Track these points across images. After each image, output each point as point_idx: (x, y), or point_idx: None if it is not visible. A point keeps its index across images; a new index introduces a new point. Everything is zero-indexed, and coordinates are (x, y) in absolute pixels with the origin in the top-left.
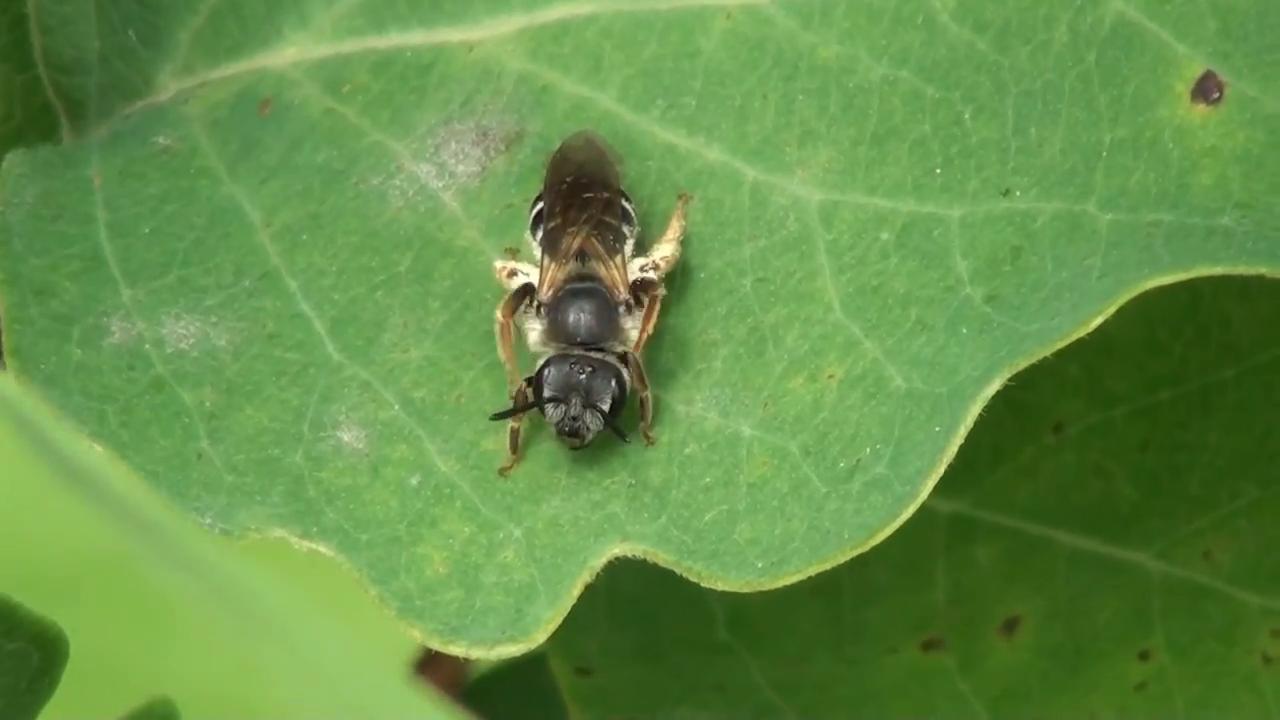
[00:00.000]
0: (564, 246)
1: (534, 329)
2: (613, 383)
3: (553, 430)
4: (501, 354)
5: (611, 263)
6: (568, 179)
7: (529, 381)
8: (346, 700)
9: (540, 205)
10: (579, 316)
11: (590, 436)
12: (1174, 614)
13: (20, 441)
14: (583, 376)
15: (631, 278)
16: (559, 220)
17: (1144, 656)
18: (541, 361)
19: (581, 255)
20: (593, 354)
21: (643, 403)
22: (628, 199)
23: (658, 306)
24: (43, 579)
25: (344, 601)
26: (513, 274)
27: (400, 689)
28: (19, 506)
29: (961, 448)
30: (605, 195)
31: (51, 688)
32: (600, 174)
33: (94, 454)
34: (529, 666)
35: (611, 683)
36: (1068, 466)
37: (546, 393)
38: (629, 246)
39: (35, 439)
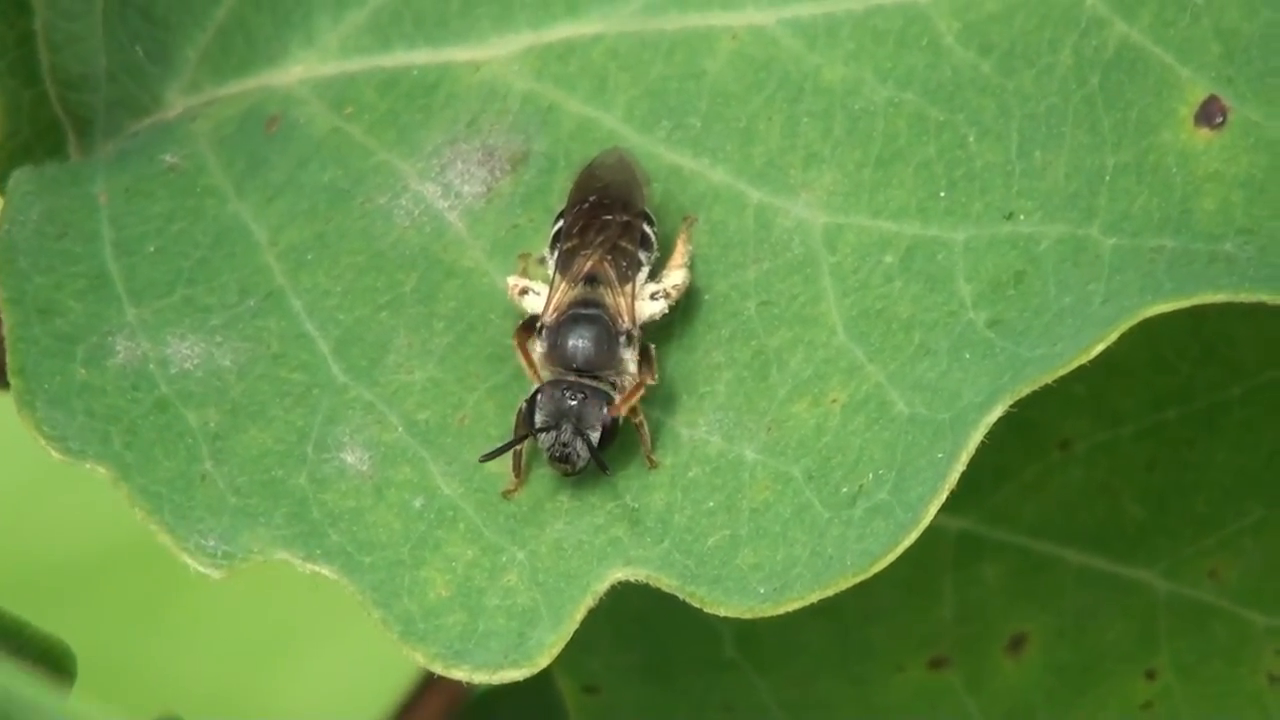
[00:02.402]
0: (575, 268)
1: (534, 351)
2: (604, 411)
3: (544, 456)
4: (529, 375)
5: (620, 290)
6: (590, 198)
7: (526, 401)
8: None
9: (560, 223)
10: (578, 343)
11: (581, 463)
12: (1180, 633)
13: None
14: (574, 403)
15: (642, 306)
16: (576, 240)
17: (1150, 675)
18: (535, 386)
19: (591, 279)
20: (586, 381)
21: (639, 429)
22: (651, 223)
23: (649, 381)
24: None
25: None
26: (524, 292)
27: None
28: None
29: (969, 465)
30: (625, 218)
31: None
32: (624, 195)
33: None
34: (535, 684)
35: (618, 701)
36: (1074, 484)
37: (538, 418)
38: (643, 274)
39: None
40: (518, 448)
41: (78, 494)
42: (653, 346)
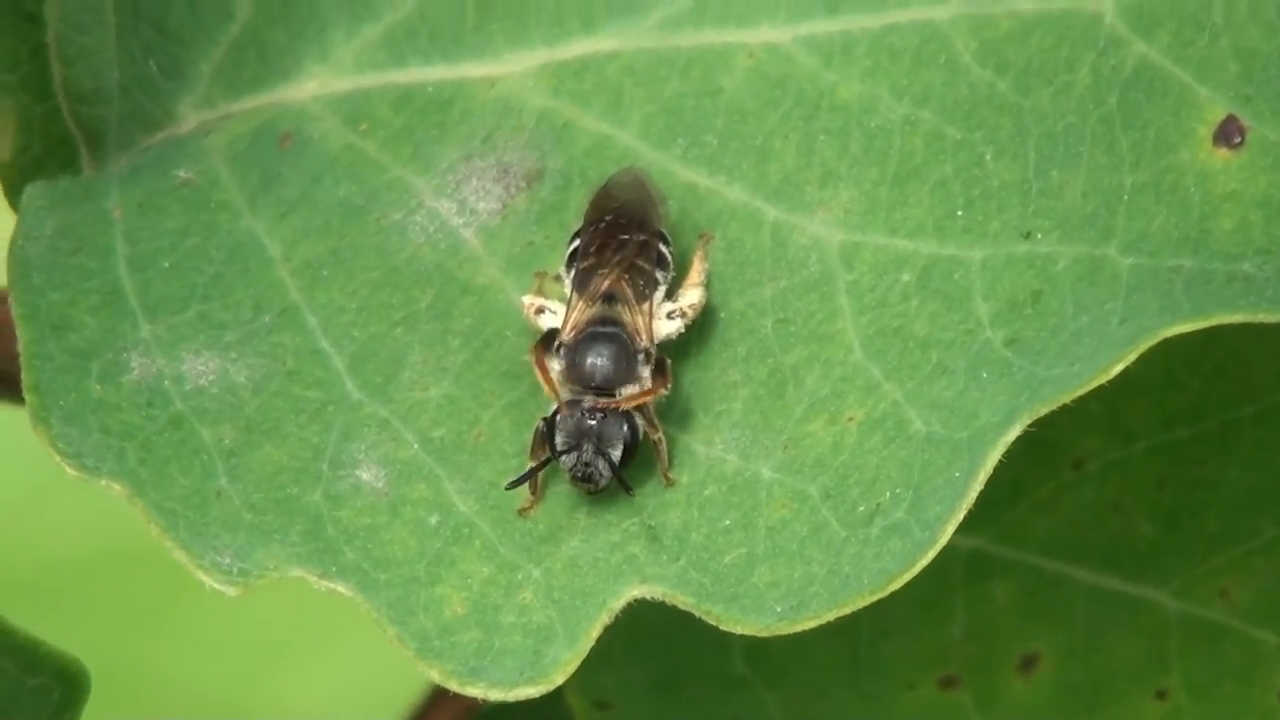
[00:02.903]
0: (593, 287)
1: (552, 369)
2: (624, 429)
3: (566, 476)
4: (547, 392)
5: (638, 308)
6: (606, 217)
7: (545, 422)
8: None
9: (577, 242)
10: (596, 361)
11: (604, 482)
12: (1191, 653)
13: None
14: (593, 423)
15: (658, 325)
16: (593, 260)
17: (1161, 695)
18: (554, 406)
19: (609, 298)
20: (605, 400)
21: (656, 446)
22: (667, 242)
23: (663, 391)
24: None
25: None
26: (540, 311)
27: None
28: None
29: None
30: (642, 238)
31: None
32: (640, 214)
33: None
34: (546, 700)
35: (629, 717)
36: (1086, 503)
37: (558, 439)
38: (660, 292)
39: None
40: (533, 464)
41: (82, 498)
42: (668, 360)
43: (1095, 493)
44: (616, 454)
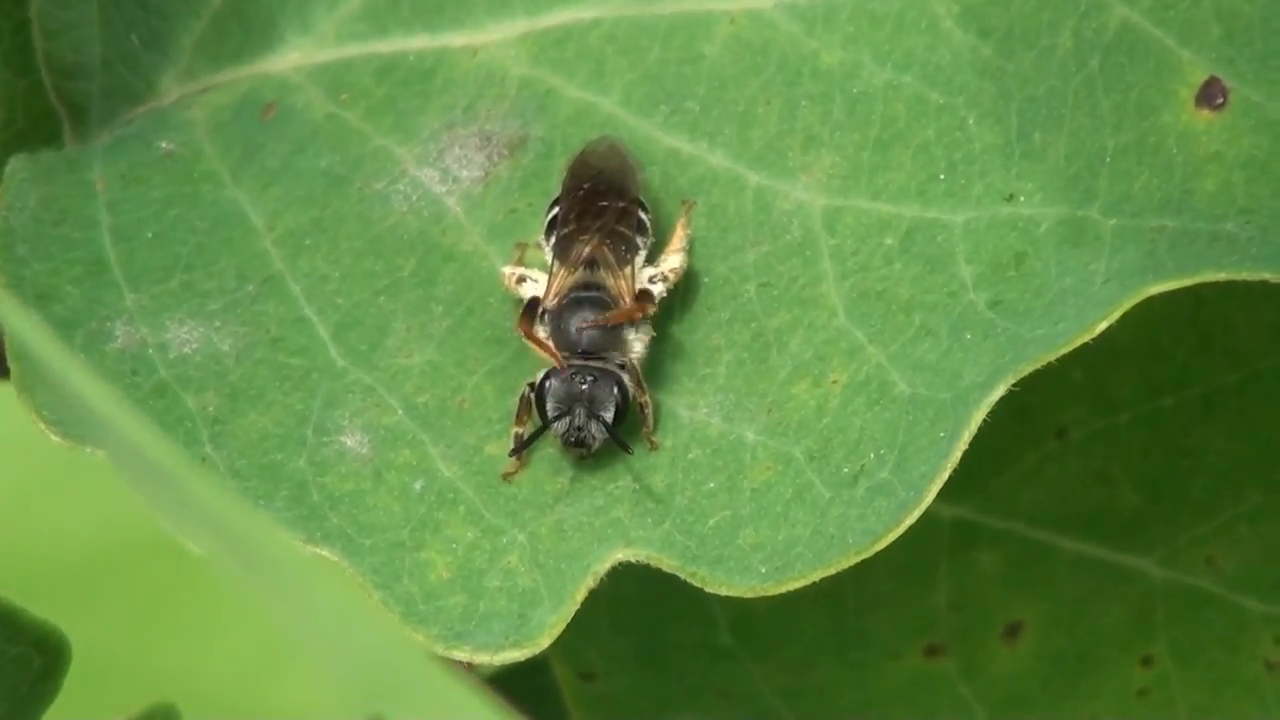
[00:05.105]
0: (574, 254)
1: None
2: (614, 390)
3: (559, 442)
4: (545, 357)
5: (620, 273)
6: (585, 185)
7: (531, 387)
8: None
9: (556, 210)
10: (582, 325)
11: (597, 446)
12: (1177, 620)
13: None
14: (584, 386)
15: (639, 289)
16: (573, 226)
17: (1147, 663)
18: (543, 373)
19: (591, 263)
20: (593, 363)
21: (643, 408)
22: (645, 209)
23: (649, 309)
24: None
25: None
26: (521, 280)
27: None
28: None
29: (965, 453)
30: (621, 204)
31: (54, 692)
32: (619, 182)
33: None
34: (532, 671)
35: (614, 688)
36: (1071, 472)
37: (549, 405)
38: (640, 257)
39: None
40: (518, 430)
41: (79, 492)
42: (653, 291)
43: (1080, 462)
44: (609, 416)
